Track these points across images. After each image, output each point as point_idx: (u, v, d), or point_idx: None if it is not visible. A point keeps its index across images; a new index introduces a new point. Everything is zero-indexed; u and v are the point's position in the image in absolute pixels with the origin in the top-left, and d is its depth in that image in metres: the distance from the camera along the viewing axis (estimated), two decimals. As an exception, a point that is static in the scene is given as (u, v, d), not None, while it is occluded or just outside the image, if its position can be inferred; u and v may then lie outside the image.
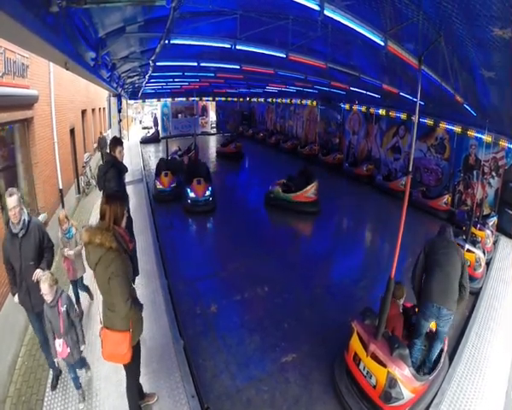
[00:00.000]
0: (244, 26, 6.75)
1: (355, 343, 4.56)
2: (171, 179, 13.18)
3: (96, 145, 17.27)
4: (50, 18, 3.21)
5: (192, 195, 11.88)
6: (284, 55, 7.33)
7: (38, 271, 3.98)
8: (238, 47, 6.83)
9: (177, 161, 16.52)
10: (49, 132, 8.41)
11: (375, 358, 4.16)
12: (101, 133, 17.99)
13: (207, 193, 12.04)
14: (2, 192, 5.73)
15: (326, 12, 4.05)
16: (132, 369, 3.49)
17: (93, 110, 16.52)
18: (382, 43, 5.16)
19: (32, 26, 2.74)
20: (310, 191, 11.98)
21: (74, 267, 5.43)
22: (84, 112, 13.87)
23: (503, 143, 10.42)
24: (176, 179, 13.34)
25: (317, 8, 3.98)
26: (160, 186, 13.01)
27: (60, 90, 9.22)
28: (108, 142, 7.12)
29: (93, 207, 11.26)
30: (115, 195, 3.80)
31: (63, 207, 8.99)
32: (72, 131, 11.42)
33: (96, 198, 12.01)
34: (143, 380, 3.93)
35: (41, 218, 7.21)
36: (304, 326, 6.12)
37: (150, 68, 10.45)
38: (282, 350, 5.49)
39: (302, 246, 10.02)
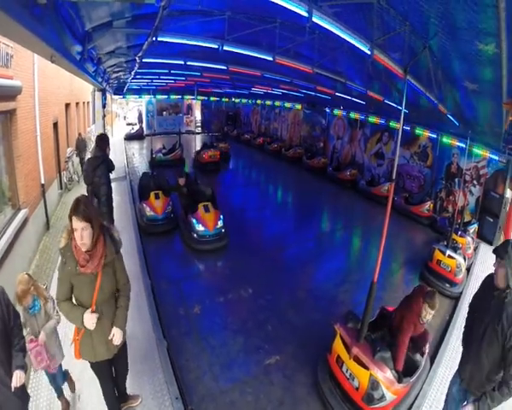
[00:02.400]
0: (232, 28, 6.74)
1: (338, 346, 4.61)
2: (164, 203, 10.22)
3: (71, 150, 13.67)
4: (38, 9, 3.15)
5: (200, 228, 9.03)
6: (271, 59, 7.35)
7: (15, 379, 2.73)
8: (225, 48, 6.82)
9: (163, 177, 12.38)
10: (31, 125, 8.20)
11: (357, 360, 4.21)
12: (80, 134, 14.73)
13: (219, 224, 9.29)
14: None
15: (314, 19, 4.10)
16: (95, 372, 3.40)
17: (77, 104, 16.14)
18: (369, 52, 5.24)
19: (18, 16, 2.70)
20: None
21: (50, 354, 3.58)
22: (67, 105, 13.55)
23: (485, 153, 10.68)
24: (170, 202, 10.48)
25: (305, 14, 4.02)
26: (150, 213, 9.89)
27: (44, 83, 9.00)
28: (94, 139, 7.04)
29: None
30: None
31: (45, 202, 8.78)
32: (55, 125, 11.16)
33: (78, 194, 11.84)
34: (127, 381, 3.87)
35: (22, 214, 7.03)
36: (287, 328, 6.14)
37: (136, 65, 10.35)
38: (266, 352, 5.51)
39: (284, 248, 10.05)
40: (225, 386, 4.82)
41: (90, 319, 2.85)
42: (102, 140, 6.34)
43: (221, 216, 9.36)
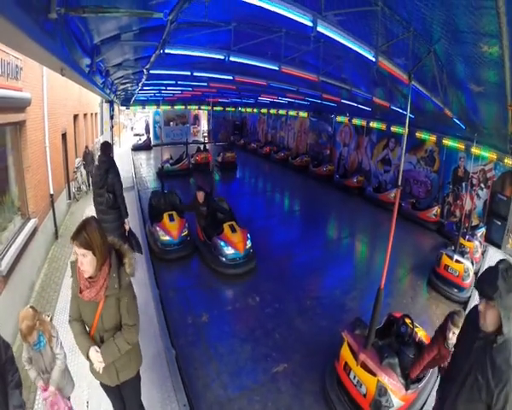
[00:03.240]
0: (238, 38, 6.84)
1: (345, 353, 4.59)
2: (180, 225, 9.10)
3: (79, 160, 13.80)
4: (49, 24, 3.24)
5: (230, 251, 8.16)
6: (277, 68, 7.41)
7: None
8: (232, 59, 6.90)
9: (175, 195, 11.32)
10: (41, 136, 8.35)
11: (365, 367, 4.19)
12: (87, 147, 14.47)
13: (248, 243, 8.52)
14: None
15: (319, 28, 4.14)
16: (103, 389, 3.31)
17: (85, 115, 16.39)
18: (373, 59, 5.27)
19: (30, 31, 2.77)
20: None
21: (63, 395, 3.58)
22: (76, 117, 13.77)
23: (492, 156, 10.62)
24: (186, 223, 9.34)
25: (310, 24, 4.06)
26: (164, 237, 8.76)
27: (52, 94, 9.18)
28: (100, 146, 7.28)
29: (84, 212, 11.19)
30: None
31: (54, 212, 8.90)
32: (63, 136, 11.34)
33: (87, 204, 11.96)
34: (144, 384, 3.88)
35: (31, 224, 7.13)
36: (295, 336, 6.13)
37: (144, 76, 10.50)
38: (274, 360, 5.50)
39: (291, 256, 10.03)
40: (233, 394, 4.82)
41: (95, 359, 2.68)
42: (107, 147, 6.77)
43: (248, 235, 8.60)
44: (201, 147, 21.22)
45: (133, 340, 2.86)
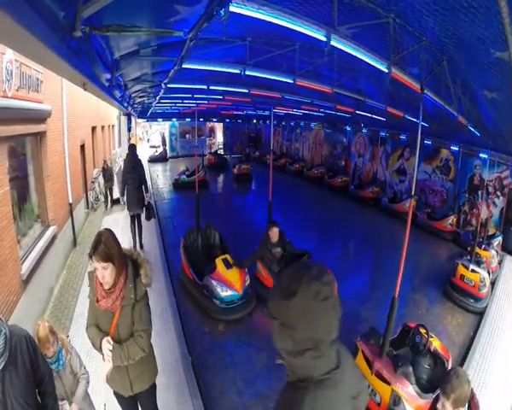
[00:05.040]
0: (253, 53, 6.98)
1: (360, 362, 4.61)
2: (242, 272, 7.05)
3: (97, 171, 13.89)
4: (73, 42, 3.42)
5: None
6: (292, 81, 7.53)
7: None
8: (247, 72, 7.03)
9: (214, 229, 8.45)
10: (60, 147, 8.62)
11: (379, 376, 4.20)
12: (105, 162, 13.57)
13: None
14: (13, 202, 5.88)
15: (332, 42, 4.24)
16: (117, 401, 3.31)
17: (102, 127, 16.79)
18: (386, 70, 5.34)
19: (57, 49, 2.95)
20: None
21: None
22: (94, 128, 14.13)
23: (507, 163, 10.47)
24: (246, 270, 7.22)
25: (324, 38, 4.17)
26: (227, 293, 6.64)
27: (72, 106, 9.48)
28: (119, 159, 7.85)
29: (101, 222, 11.45)
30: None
31: (72, 220, 9.14)
32: (82, 147, 11.67)
33: (105, 214, 12.25)
34: (160, 392, 3.95)
35: (50, 231, 7.34)
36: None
37: (162, 90, 10.76)
38: (289, 368, 5.49)
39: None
40: (249, 401, 4.85)
41: (106, 348, 2.65)
42: (134, 147, 9.25)
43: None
44: (243, 158, 24.87)
45: (143, 345, 2.79)
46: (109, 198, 13.71)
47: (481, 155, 11.67)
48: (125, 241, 8.68)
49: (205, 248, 8.15)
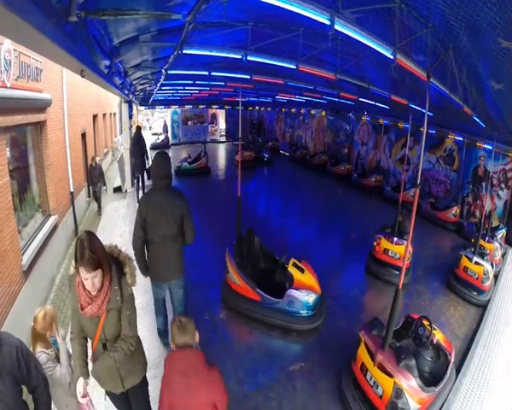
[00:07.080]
0: (255, 37, 6.82)
1: (362, 353, 4.56)
2: (313, 273, 6.63)
3: (99, 159, 12.65)
4: (69, 27, 3.32)
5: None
6: (294, 67, 7.38)
7: None
8: (249, 58, 6.90)
9: (255, 235, 7.16)
10: (61, 136, 8.57)
11: (381, 368, 4.15)
12: (93, 159, 11.69)
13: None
14: (14, 192, 5.84)
15: (336, 26, 4.11)
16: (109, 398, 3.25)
17: (104, 115, 16.70)
18: (391, 57, 5.20)
19: (51, 34, 2.86)
20: None
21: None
22: (95, 117, 14.08)
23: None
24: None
25: (327, 22, 4.04)
26: (312, 298, 6.04)
27: (72, 95, 9.40)
28: (121, 147, 7.95)
29: (103, 210, 11.42)
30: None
31: (74, 209, 9.10)
32: (83, 136, 11.61)
33: (106, 202, 12.17)
34: (152, 384, 3.92)
35: (51, 221, 7.29)
36: (312, 336, 6.10)
37: (162, 77, 10.62)
38: (290, 358, 5.49)
39: (309, 256, 9.98)
40: (249, 391, 4.85)
41: (78, 392, 2.59)
42: (139, 128, 12.21)
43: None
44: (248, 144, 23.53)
45: (132, 350, 2.75)
46: (97, 204, 12.06)
47: (486, 146, 11.55)
48: (126, 230, 8.66)
49: (254, 259, 7.00)
